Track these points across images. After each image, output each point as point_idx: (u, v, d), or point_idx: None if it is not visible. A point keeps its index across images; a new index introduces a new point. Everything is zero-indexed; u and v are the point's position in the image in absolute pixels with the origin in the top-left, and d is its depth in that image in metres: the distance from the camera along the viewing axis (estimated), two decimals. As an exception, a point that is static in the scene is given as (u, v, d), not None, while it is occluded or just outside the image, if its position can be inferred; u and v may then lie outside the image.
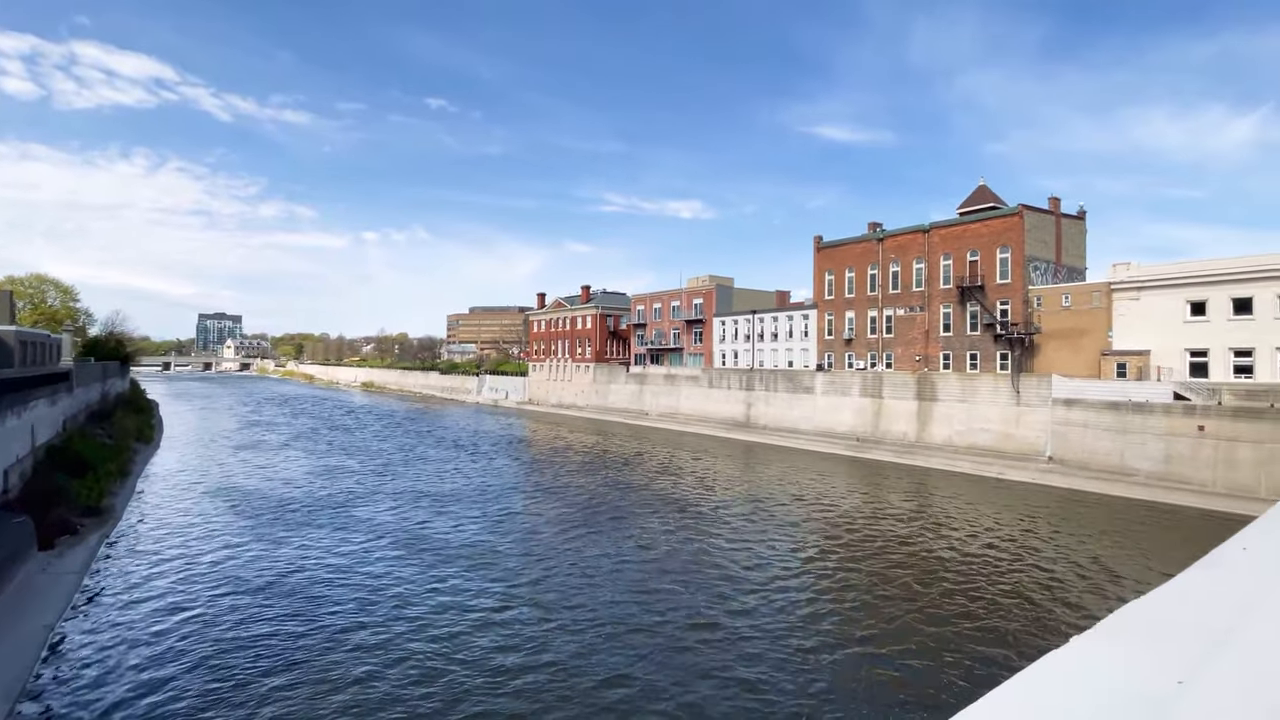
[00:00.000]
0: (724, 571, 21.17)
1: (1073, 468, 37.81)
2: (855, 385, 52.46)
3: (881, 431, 49.77)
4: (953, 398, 45.37)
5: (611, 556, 22.53)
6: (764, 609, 17.98)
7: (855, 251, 55.96)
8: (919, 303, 50.41)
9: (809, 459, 46.73)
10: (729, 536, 25.57)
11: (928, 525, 28.10)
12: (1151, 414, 35.27)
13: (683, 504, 31.43)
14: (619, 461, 45.02)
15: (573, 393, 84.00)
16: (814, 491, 35.12)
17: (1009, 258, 44.87)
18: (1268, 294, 35.88)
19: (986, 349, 45.67)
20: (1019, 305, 44.16)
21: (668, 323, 76.57)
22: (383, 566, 20.90)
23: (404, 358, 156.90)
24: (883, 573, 21.42)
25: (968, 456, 42.82)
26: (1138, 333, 39.61)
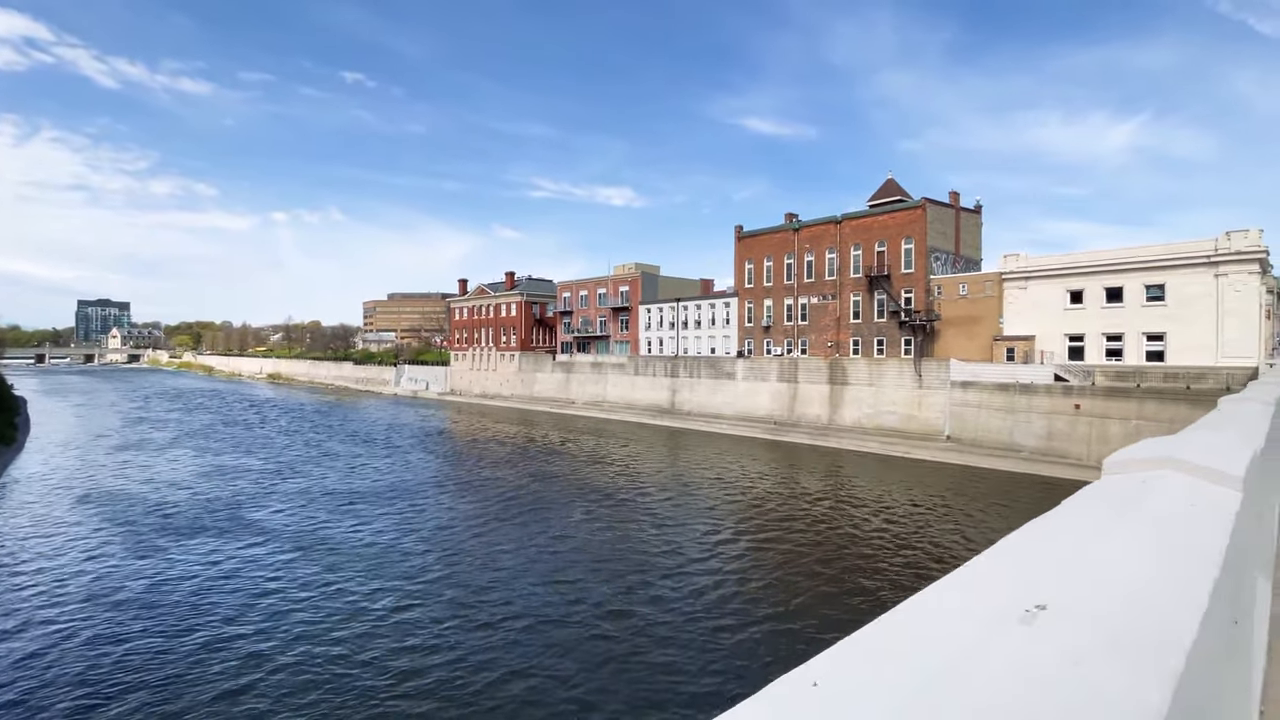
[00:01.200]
0: (640, 559, 21.17)
1: (968, 446, 40.54)
2: (773, 371, 53.97)
3: (797, 415, 51.53)
4: (862, 382, 47.54)
5: (525, 550, 22.05)
6: (675, 594, 18.09)
7: (773, 241, 57.38)
8: (831, 291, 52.38)
9: (730, 443, 47.78)
10: (648, 524, 25.65)
11: (836, 504, 29.32)
12: (1036, 394, 38.27)
13: (605, 493, 31.28)
14: (543, 452, 44.34)
15: (497, 382, 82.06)
16: (733, 475, 35.88)
17: (913, 248, 47.31)
18: (1135, 284, 39.61)
19: (893, 335, 48.10)
20: (921, 294, 46.71)
21: (594, 310, 76.01)
22: (271, 572, 19.49)
23: (316, 347, 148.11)
24: (792, 552, 22.10)
25: (876, 437, 45.06)
26: (1025, 319, 42.84)
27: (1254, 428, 3.60)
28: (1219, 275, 36.79)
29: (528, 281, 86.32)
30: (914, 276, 47.31)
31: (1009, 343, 42.59)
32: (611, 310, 73.40)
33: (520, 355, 79.66)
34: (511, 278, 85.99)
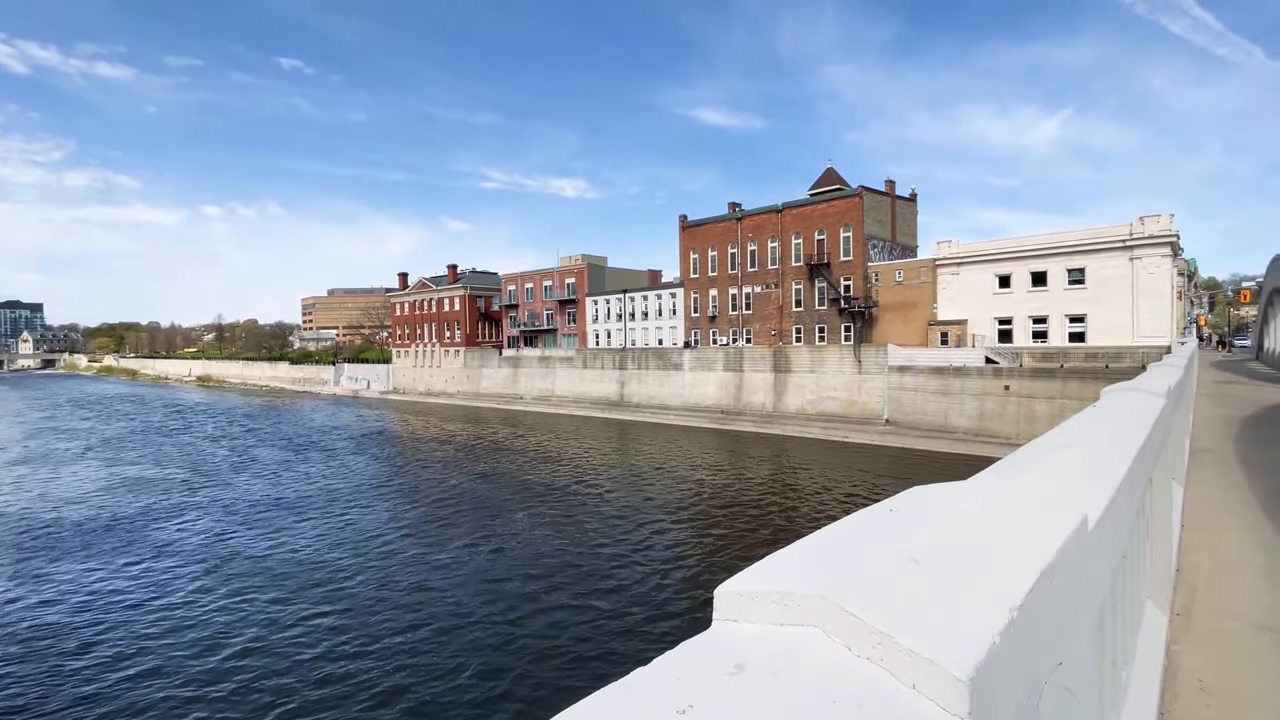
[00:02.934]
0: (588, 561, 20.61)
1: (905, 428, 41.57)
2: (719, 360, 54.13)
3: (743, 403, 51.88)
4: (804, 369, 48.15)
5: (464, 559, 21.17)
6: (622, 594, 17.62)
7: (717, 230, 57.40)
8: (774, 280, 52.79)
9: (679, 433, 47.71)
10: (597, 521, 25.09)
11: (780, 492, 29.46)
12: (968, 377, 39.48)
13: (553, 491, 30.56)
14: (489, 450, 43.18)
15: (442, 379, 79.80)
16: (681, 467, 35.70)
17: (851, 236, 48.05)
18: (1058, 268, 41.26)
19: (833, 322, 48.85)
20: (860, 281, 47.54)
21: (540, 303, 74.67)
22: (174, 594, 18.03)
23: (250, 347, 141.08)
24: (736, 542, 21.96)
25: (818, 423, 45.76)
26: (958, 304, 44.12)
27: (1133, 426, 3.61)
28: (1134, 258, 38.65)
29: (471, 274, 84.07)
30: (852, 264, 48.09)
31: (943, 327, 43.81)
32: (558, 303, 72.26)
33: (465, 351, 77.63)
34: (454, 271, 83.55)
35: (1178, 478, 5.02)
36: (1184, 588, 2.98)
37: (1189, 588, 2.98)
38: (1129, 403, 3.82)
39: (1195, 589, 2.97)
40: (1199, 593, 2.92)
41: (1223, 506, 4.85)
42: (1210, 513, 4.64)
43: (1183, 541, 3.82)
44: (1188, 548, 3.73)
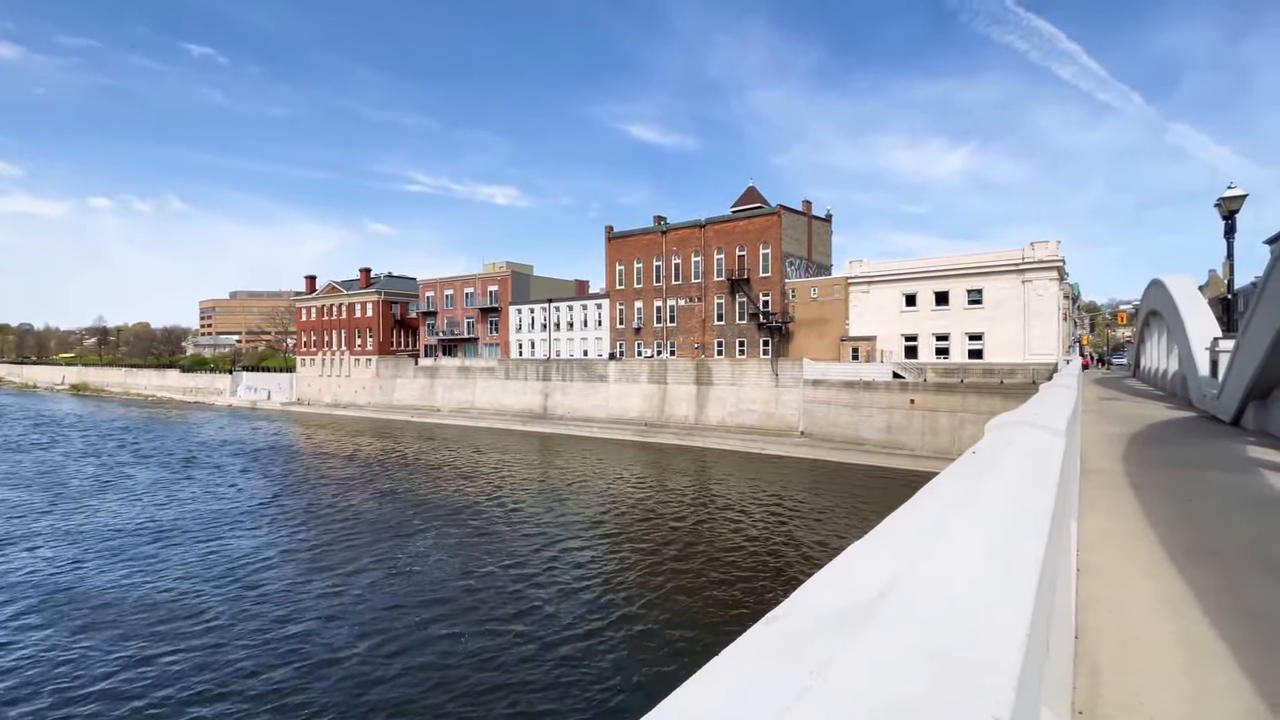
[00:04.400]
0: (492, 584, 19.31)
1: (819, 440, 42.68)
2: (644, 373, 53.89)
3: (666, 416, 51.80)
4: (725, 382, 48.67)
5: (352, 586, 19.36)
6: (527, 617, 16.50)
7: (642, 243, 57.40)
8: (698, 294, 53.27)
9: (603, 446, 46.88)
10: (507, 543, 23.77)
11: (699, 505, 29.20)
12: (877, 391, 41.05)
13: (464, 509, 28.88)
14: (401, 466, 40.66)
15: (351, 390, 75.22)
16: (604, 481, 34.85)
17: (770, 253, 49.23)
18: (959, 289, 43.80)
19: (752, 336, 49.74)
20: (778, 297, 48.71)
21: (461, 311, 72.04)
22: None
23: (137, 352, 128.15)
24: (656, 557, 21.33)
25: (738, 435, 46.26)
26: (868, 321, 45.98)
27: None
28: (1025, 281, 41.62)
29: (386, 279, 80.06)
30: (771, 280, 49.22)
31: (854, 343, 45.49)
32: (480, 311, 69.98)
33: (378, 360, 73.59)
34: (367, 274, 79.28)
35: (1073, 512, 4.76)
36: (1085, 672, 2.53)
37: (1090, 672, 2.53)
38: (1026, 447, 3.41)
39: (1098, 674, 2.53)
40: (1102, 680, 2.48)
41: (1120, 544, 4.62)
42: (1108, 553, 4.38)
43: (1080, 596, 3.45)
44: (1086, 603, 3.36)
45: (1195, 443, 10.36)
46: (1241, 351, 12.94)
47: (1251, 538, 4.69)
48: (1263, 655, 2.68)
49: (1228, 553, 4.38)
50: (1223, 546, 4.54)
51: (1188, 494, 6.42)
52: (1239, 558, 4.29)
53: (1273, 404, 12.01)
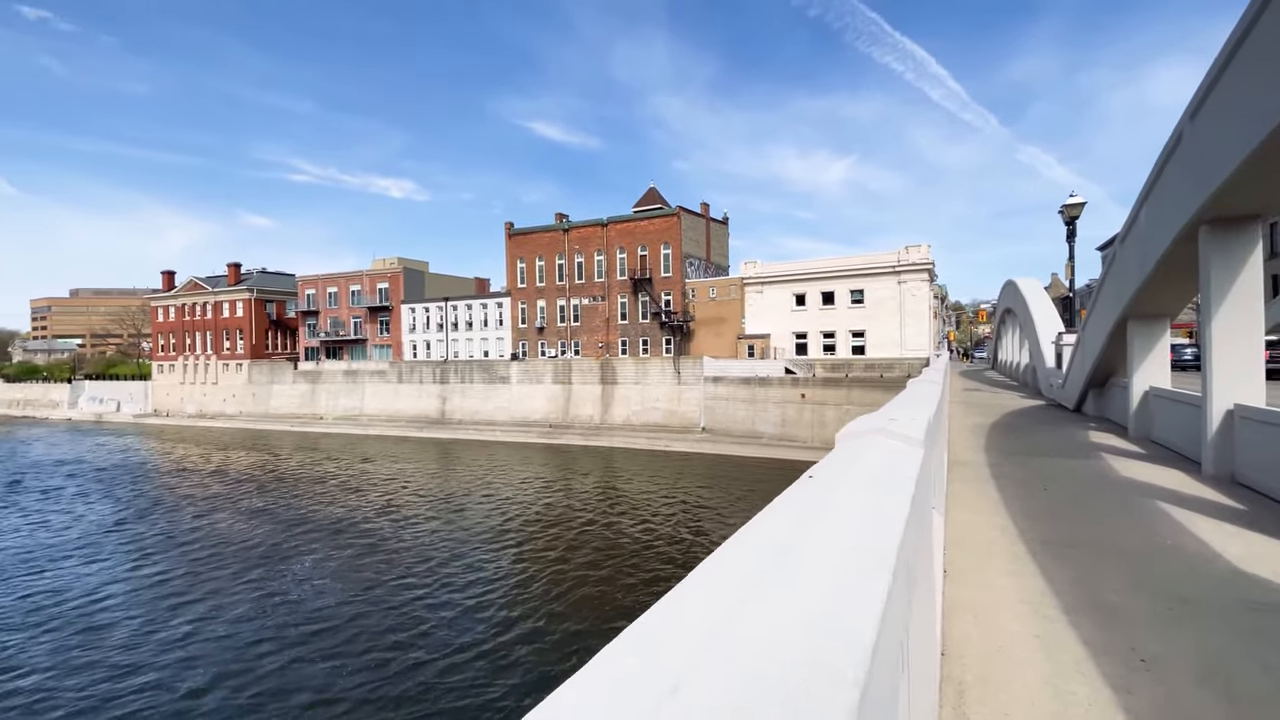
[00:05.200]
0: (378, 606, 17.89)
1: (720, 435, 43.89)
2: (548, 373, 52.91)
3: (572, 416, 51.19)
4: (629, 380, 48.85)
5: (210, 622, 17.26)
6: (420, 643, 15.39)
7: (544, 240, 56.34)
8: (601, 293, 53.08)
9: (506, 450, 45.47)
10: (398, 560, 22.20)
11: (605, 504, 28.94)
12: (771, 386, 42.81)
13: (349, 526, 26.73)
14: (274, 482, 37.10)
15: (219, 398, 68.08)
16: (507, 486, 33.67)
17: (670, 253, 49.98)
18: (843, 289, 46.57)
19: (655, 335, 50.30)
20: (679, 296, 49.57)
21: (347, 310, 67.25)
22: None
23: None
24: (563, 561, 20.77)
25: (643, 433, 46.58)
26: (762, 319, 47.86)
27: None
28: (901, 282, 44.99)
29: (259, 275, 73.17)
30: (672, 280, 49.99)
31: (750, 341, 47.20)
32: (369, 310, 65.70)
33: (251, 365, 67.10)
34: (236, 270, 72.00)
35: (940, 508, 4.91)
36: (951, 693, 2.46)
37: (957, 692, 2.47)
38: (870, 471, 3.30)
39: (964, 694, 2.47)
40: (968, 699, 2.42)
41: (984, 539, 4.82)
42: (973, 550, 4.54)
43: (947, 600, 3.48)
44: (952, 609, 3.39)
45: (1046, 430, 11.45)
46: (1081, 346, 14.57)
47: (1098, 525, 5.09)
48: (1118, 661, 2.75)
49: (1081, 543, 4.70)
50: (1075, 537, 4.87)
51: (1042, 481, 6.96)
52: (1090, 548, 4.60)
53: (1109, 392, 13.59)
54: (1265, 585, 3.68)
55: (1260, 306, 7.04)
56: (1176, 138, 7.82)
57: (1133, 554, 4.34)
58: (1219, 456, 7.06)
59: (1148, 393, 10.29)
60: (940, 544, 4.15)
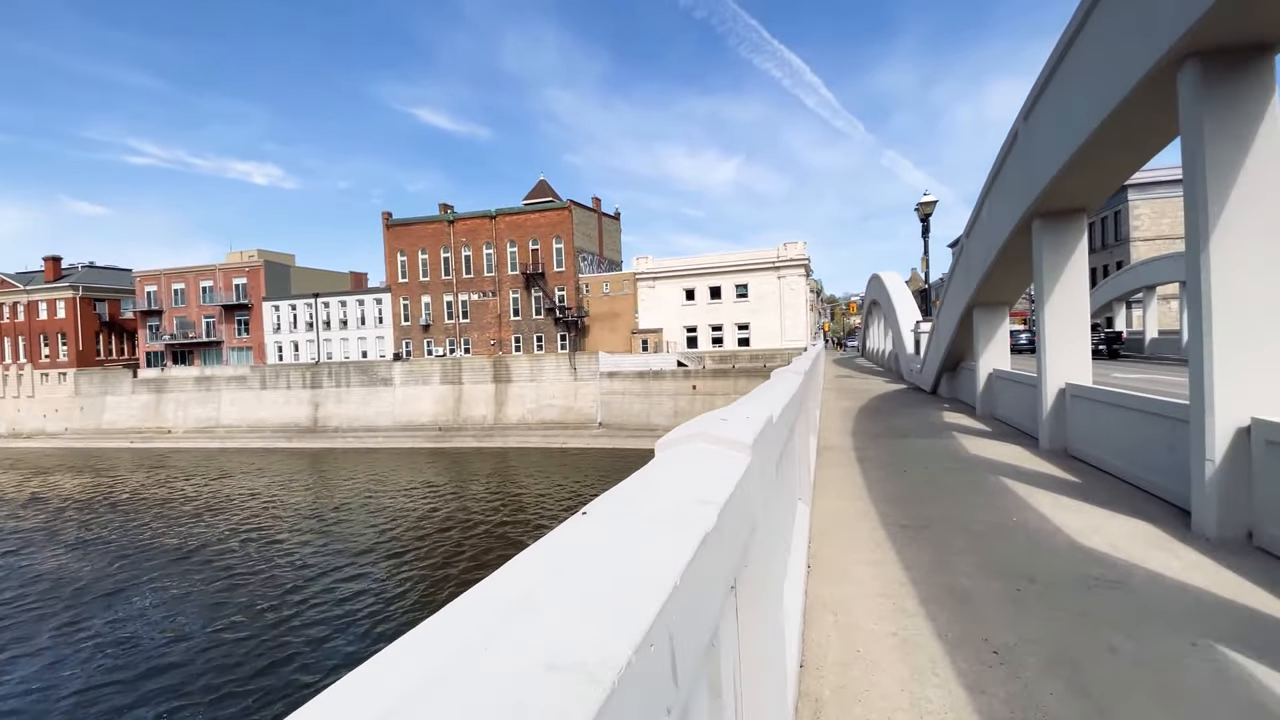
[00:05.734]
0: (229, 640, 15.81)
1: (616, 429, 43.88)
2: (436, 373, 50.26)
3: (463, 418, 49.01)
4: (524, 378, 47.57)
5: (30, 678, 14.46)
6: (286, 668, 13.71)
7: (427, 232, 53.37)
8: (491, 288, 51.19)
9: (390, 458, 42.62)
10: (257, 588, 19.84)
11: (499, 505, 27.79)
12: (664, 379, 43.41)
13: (207, 550, 23.60)
14: (111, 507, 32.15)
15: (38, 414, 58.31)
16: (389, 496, 31.38)
17: (563, 248, 49.18)
18: (729, 284, 48.12)
19: (550, 331, 49.34)
20: (573, 291, 48.93)
21: (198, 309, 60.02)
22: None
23: None
24: (442, 567, 19.48)
25: (539, 431, 45.54)
26: (655, 314, 48.42)
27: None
28: (780, 277, 47.22)
29: (86, 271, 63.46)
30: (565, 275, 49.22)
31: (643, 335, 47.61)
32: (224, 309, 59.04)
33: (77, 373, 58.02)
34: (56, 264, 61.91)
35: (804, 497, 4.83)
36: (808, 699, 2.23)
37: (814, 701, 2.25)
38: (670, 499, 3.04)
39: (820, 706, 2.25)
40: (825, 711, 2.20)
41: (848, 527, 4.81)
42: (837, 540, 4.48)
43: (809, 600, 3.32)
44: (814, 609, 3.22)
45: (907, 412, 12.20)
46: (935, 333, 15.78)
47: (951, 505, 5.27)
48: (973, 656, 2.67)
49: (935, 524, 4.81)
50: (931, 517, 4.98)
51: (902, 463, 7.25)
52: (944, 528, 4.71)
53: (960, 375, 14.78)
54: (1101, 560, 3.88)
55: (1086, 293, 7.77)
56: (1013, 137, 8.46)
57: (982, 533, 4.49)
58: (1053, 432, 7.72)
59: (992, 374, 11.21)
60: (805, 536, 4.04)
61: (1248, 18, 3.61)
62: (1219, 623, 2.97)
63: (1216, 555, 3.85)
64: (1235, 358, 4.00)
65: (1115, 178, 6.62)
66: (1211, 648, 2.75)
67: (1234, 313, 3.96)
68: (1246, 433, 3.99)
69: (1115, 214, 40.43)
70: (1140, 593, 3.38)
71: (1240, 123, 3.91)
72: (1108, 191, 7.04)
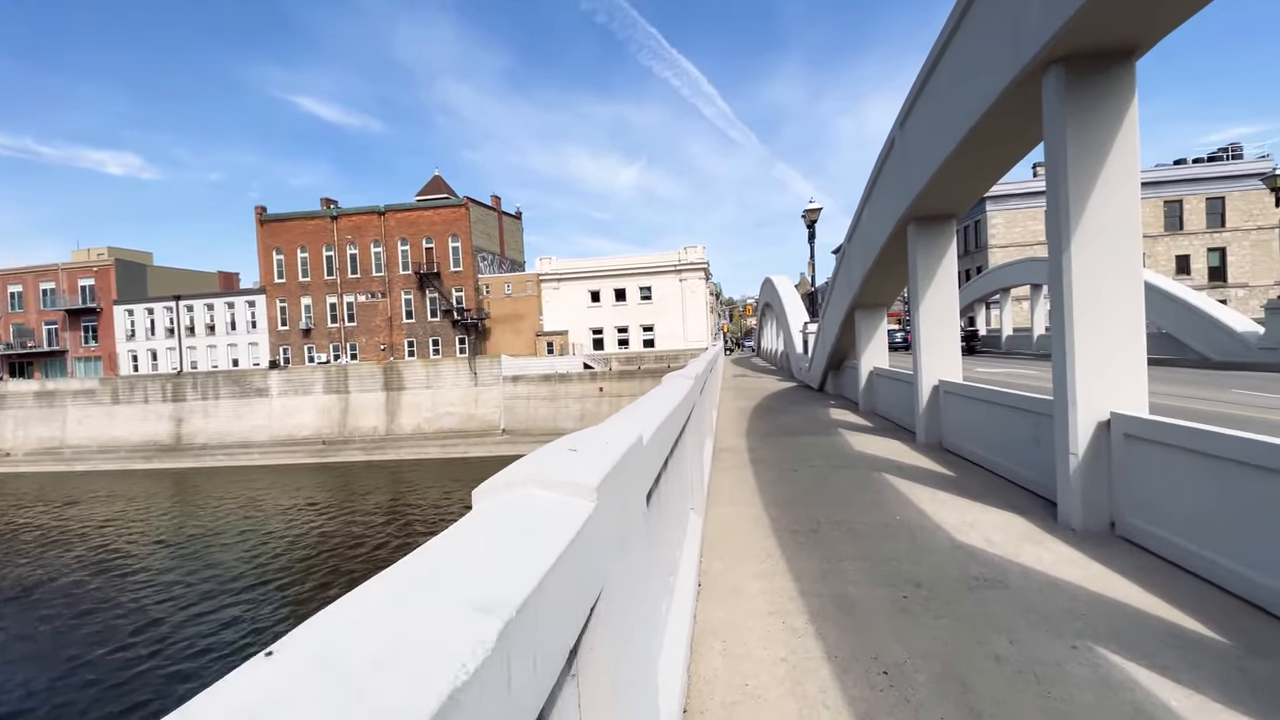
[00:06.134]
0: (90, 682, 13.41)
1: (521, 435, 42.63)
2: (318, 382, 46.47)
3: (350, 429, 45.68)
4: (419, 385, 45.09)
5: None
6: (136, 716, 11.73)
7: (308, 229, 49.29)
8: (381, 289, 48.13)
9: (267, 475, 38.82)
10: (116, 624, 17.08)
11: (385, 525, 25.92)
12: (571, 382, 42.74)
13: (46, 589, 20.07)
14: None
15: None
16: (262, 518, 28.39)
17: (460, 247, 47.17)
18: (634, 286, 48.26)
19: (447, 335, 47.14)
20: (471, 292, 47.05)
21: (36, 315, 52.01)
22: None
23: None
24: (326, 587, 17.68)
25: (436, 441, 43.34)
26: (560, 316, 47.63)
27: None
28: (682, 280, 48.00)
29: (-125, 270, 53.12)
30: (463, 275, 47.23)
31: (549, 337, 46.69)
32: (67, 314, 51.55)
33: None
34: None
35: (697, 507, 4.57)
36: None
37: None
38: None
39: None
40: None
41: (739, 535, 4.59)
42: (728, 552, 4.26)
43: (699, 624, 3.02)
44: (703, 634, 2.92)
45: (797, 410, 12.49)
46: (821, 333, 16.41)
47: (838, 505, 5.23)
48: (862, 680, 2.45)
49: (823, 527, 4.71)
50: (819, 520, 4.89)
51: (792, 462, 7.25)
52: (832, 531, 4.61)
53: (844, 373, 15.42)
54: (979, 556, 3.90)
55: (955, 293, 8.17)
56: (890, 144, 8.80)
57: (868, 534, 4.43)
58: (929, 427, 8.06)
59: (873, 372, 11.71)
60: (696, 552, 3.78)
61: (1113, 23, 3.75)
62: (1095, 621, 3.00)
63: (1084, 547, 3.98)
64: (1096, 354, 4.19)
65: (983, 183, 6.97)
66: (1091, 650, 2.73)
67: (1094, 311, 4.15)
68: (1106, 426, 4.19)
69: (975, 223, 44.64)
70: (1018, 590, 3.38)
71: (1102, 128, 4.09)
72: (976, 196, 7.42)
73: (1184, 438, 3.54)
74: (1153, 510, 3.84)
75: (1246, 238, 39.39)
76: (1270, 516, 3.03)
